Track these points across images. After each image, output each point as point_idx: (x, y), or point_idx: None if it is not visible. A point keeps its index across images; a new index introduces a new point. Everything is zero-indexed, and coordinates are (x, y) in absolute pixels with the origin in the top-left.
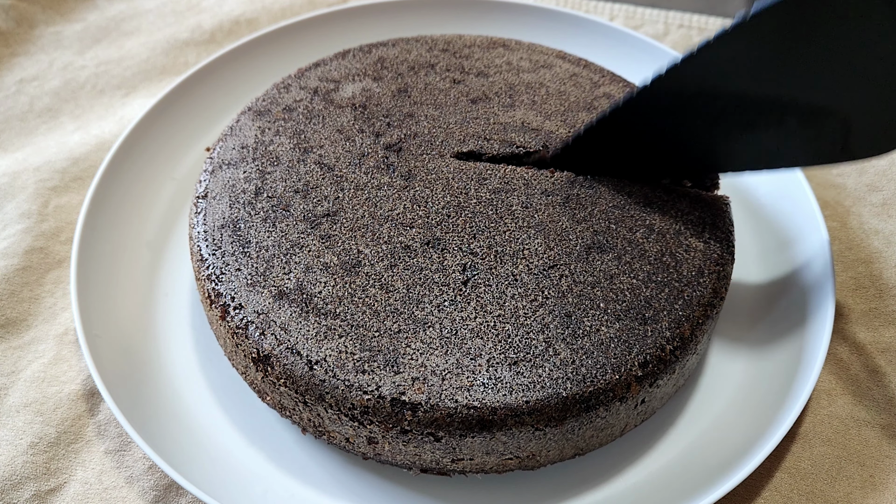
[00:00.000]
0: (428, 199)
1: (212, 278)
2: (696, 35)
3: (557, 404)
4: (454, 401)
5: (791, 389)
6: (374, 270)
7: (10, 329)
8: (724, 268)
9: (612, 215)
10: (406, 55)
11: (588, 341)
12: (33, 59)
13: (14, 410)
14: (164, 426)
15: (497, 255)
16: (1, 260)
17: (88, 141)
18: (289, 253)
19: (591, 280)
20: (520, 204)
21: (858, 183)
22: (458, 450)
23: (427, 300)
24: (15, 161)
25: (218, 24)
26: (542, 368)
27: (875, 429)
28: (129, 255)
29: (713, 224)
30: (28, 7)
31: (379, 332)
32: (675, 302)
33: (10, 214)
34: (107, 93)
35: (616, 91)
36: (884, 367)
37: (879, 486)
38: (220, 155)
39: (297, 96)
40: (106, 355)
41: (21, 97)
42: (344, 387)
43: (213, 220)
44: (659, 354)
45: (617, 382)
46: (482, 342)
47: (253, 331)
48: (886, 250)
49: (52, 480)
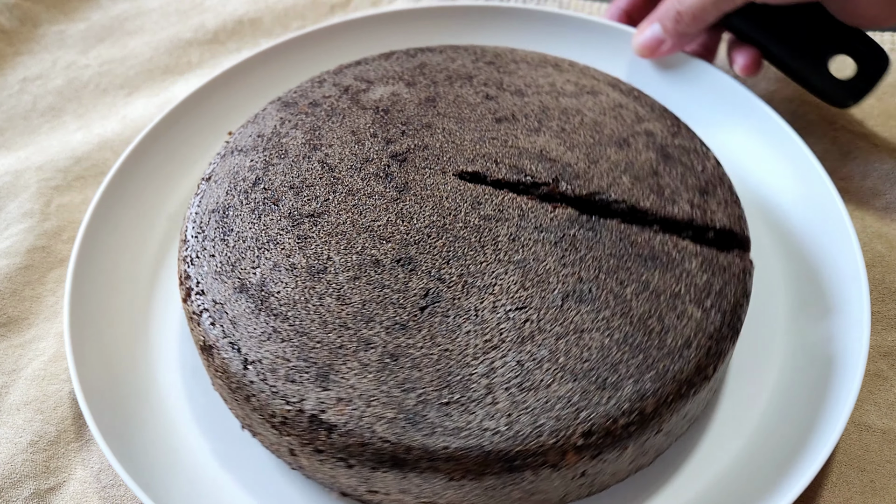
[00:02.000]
0: (414, 215)
1: (187, 260)
2: None
3: (478, 457)
4: (371, 431)
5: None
6: (337, 280)
7: (12, 327)
8: (719, 344)
9: (605, 264)
10: (449, 63)
11: (533, 396)
12: (37, 58)
13: (14, 408)
14: (150, 459)
15: (465, 286)
16: (3, 259)
17: (91, 140)
18: (263, 248)
19: (559, 330)
20: (507, 235)
21: (861, 187)
22: (371, 482)
23: (378, 320)
24: (17, 160)
25: (221, 23)
26: (473, 415)
27: (876, 433)
28: (127, 268)
29: (721, 292)
30: (32, 6)
31: (320, 344)
32: (646, 372)
33: (13, 213)
34: (110, 92)
35: (661, 129)
36: (886, 370)
37: (880, 492)
38: (236, 140)
39: (327, 92)
40: (93, 380)
41: (24, 96)
42: (270, 392)
43: (207, 203)
44: (608, 427)
45: (551, 447)
46: (419, 374)
47: (205, 318)
48: (889, 254)
49: (51, 479)
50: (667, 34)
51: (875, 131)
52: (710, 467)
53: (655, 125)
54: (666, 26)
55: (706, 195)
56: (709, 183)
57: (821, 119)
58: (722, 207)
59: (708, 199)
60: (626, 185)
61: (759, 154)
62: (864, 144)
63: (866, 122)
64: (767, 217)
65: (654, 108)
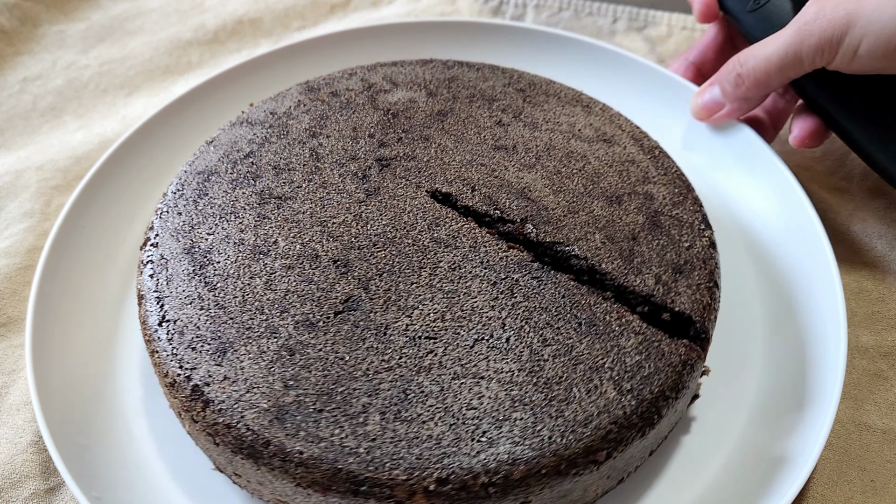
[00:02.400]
0: (370, 221)
1: (157, 212)
2: (699, 36)
3: (328, 471)
4: (241, 416)
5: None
6: (272, 265)
7: (12, 327)
8: (622, 431)
9: (535, 317)
10: (479, 82)
11: (405, 428)
12: (37, 58)
13: (14, 409)
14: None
15: (386, 302)
16: (3, 259)
17: (91, 140)
18: (224, 217)
19: (458, 370)
20: (450, 263)
21: (861, 187)
22: (234, 465)
23: (291, 312)
24: (18, 160)
25: (221, 23)
26: (340, 429)
27: (876, 433)
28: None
29: (647, 378)
30: (32, 6)
31: (232, 321)
32: (529, 438)
33: (13, 213)
34: (110, 92)
35: (664, 195)
36: (886, 370)
37: (881, 491)
38: (250, 113)
39: (351, 85)
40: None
41: (24, 96)
42: (171, 353)
43: (198, 164)
44: (466, 480)
45: (401, 483)
46: (307, 375)
47: (148, 269)
48: (889, 254)
49: (51, 479)
50: (726, 98)
51: None
52: (685, 488)
53: (660, 189)
54: (725, 90)
55: (679, 274)
56: (689, 263)
57: None
58: (690, 291)
59: (679, 279)
60: (595, 244)
61: (736, 171)
62: None
63: None
64: (745, 234)
65: (669, 172)
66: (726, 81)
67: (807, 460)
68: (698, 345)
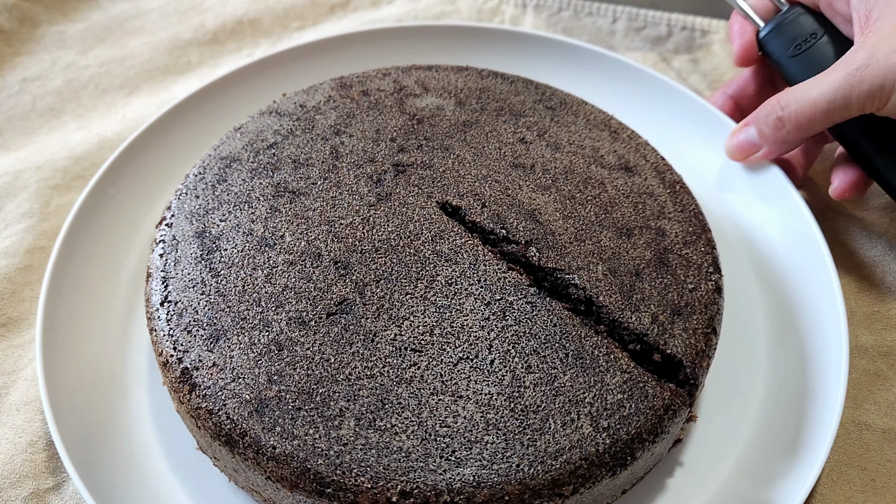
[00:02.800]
0: (376, 226)
1: (177, 193)
2: (700, 37)
3: (296, 469)
4: (223, 404)
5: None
6: (275, 259)
7: (11, 328)
8: (591, 469)
9: (523, 342)
10: (511, 95)
11: (377, 436)
12: (36, 58)
13: (14, 409)
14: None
15: (379, 309)
16: (2, 259)
17: (90, 140)
18: (238, 205)
19: (438, 386)
20: (446, 278)
21: None
22: (213, 449)
23: (286, 308)
24: (17, 160)
25: (221, 23)
26: (314, 429)
27: (876, 433)
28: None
29: (626, 418)
30: (31, 6)
31: (229, 309)
32: (497, 463)
33: (12, 213)
34: (109, 92)
35: (677, 232)
36: (885, 370)
37: (881, 490)
38: (281, 103)
39: (383, 86)
40: (73, 426)
41: (24, 96)
42: (167, 333)
43: (223, 149)
44: (429, 497)
45: (365, 491)
46: (291, 372)
47: (159, 248)
48: (889, 254)
49: (50, 479)
50: (764, 141)
51: None
52: (694, 497)
53: (674, 226)
54: (763, 132)
55: (678, 316)
56: (689, 306)
57: None
58: (685, 335)
59: (677, 321)
60: (597, 275)
61: (737, 181)
62: None
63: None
64: (745, 241)
65: (686, 210)
66: (764, 124)
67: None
68: (685, 390)
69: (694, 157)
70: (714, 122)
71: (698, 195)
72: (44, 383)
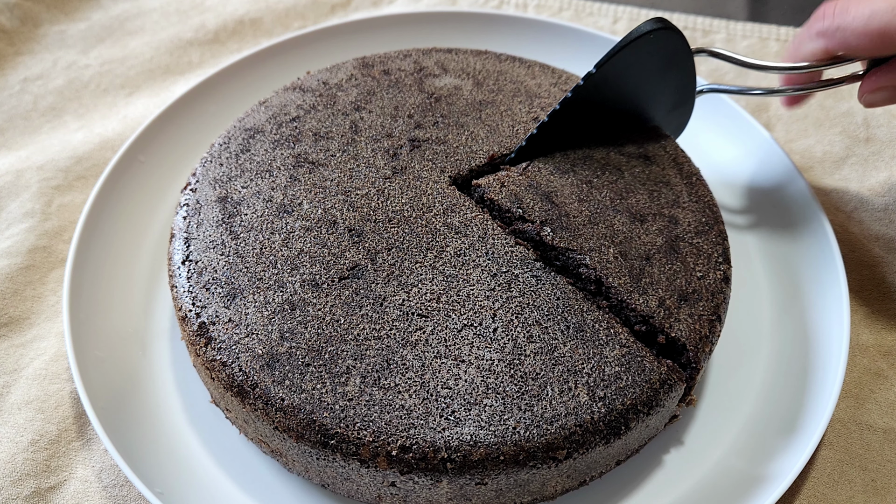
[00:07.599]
0: (390, 198)
1: (202, 161)
2: (700, 37)
3: (302, 420)
4: (236, 356)
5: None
6: (293, 225)
7: (13, 327)
8: (585, 435)
9: (525, 313)
10: (527, 79)
11: (380, 394)
12: (37, 58)
13: (16, 408)
14: (150, 455)
15: (389, 276)
16: (4, 259)
17: (92, 140)
18: (260, 173)
19: (441, 350)
20: (455, 249)
21: (860, 188)
22: (226, 401)
23: (301, 271)
24: (18, 159)
25: (222, 23)
26: (322, 384)
27: (877, 432)
28: (128, 264)
29: (622, 389)
30: (33, 6)
31: (247, 269)
32: (494, 424)
33: (14, 213)
34: (110, 92)
35: (690, 221)
36: (886, 370)
37: (882, 490)
38: (305, 80)
39: (403, 66)
40: (96, 376)
41: (25, 96)
42: (187, 289)
43: (248, 121)
44: (426, 452)
45: (366, 444)
46: (302, 330)
47: (182, 211)
48: (888, 255)
49: (52, 478)
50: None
51: (876, 134)
52: (690, 471)
53: (687, 216)
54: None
55: (684, 302)
56: (697, 293)
57: (822, 119)
58: (690, 321)
59: (683, 306)
60: (608, 257)
61: (750, 169)
62: (865, 145)
63: (869, 121)
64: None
65: (701, 201)
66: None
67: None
68: (687, 373)
69: (711, 148)
70: (731, 114)
71: (713, 187)
72: (69, 337)
